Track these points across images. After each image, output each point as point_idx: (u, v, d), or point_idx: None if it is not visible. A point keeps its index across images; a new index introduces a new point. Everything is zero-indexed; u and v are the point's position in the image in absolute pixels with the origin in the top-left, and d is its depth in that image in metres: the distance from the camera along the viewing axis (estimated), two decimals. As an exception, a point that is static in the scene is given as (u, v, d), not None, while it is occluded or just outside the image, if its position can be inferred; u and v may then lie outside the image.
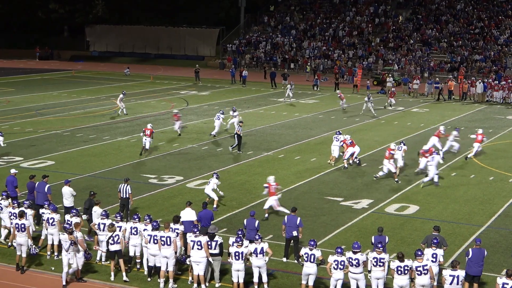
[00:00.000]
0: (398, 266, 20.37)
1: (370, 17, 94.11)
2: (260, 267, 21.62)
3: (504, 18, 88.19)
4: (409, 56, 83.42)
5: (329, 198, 32.06)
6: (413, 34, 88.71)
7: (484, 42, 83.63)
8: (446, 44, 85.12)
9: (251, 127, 49.17)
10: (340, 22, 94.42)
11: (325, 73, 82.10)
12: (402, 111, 58.92)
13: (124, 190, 27.56)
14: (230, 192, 32.64)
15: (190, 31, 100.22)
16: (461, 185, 35.10)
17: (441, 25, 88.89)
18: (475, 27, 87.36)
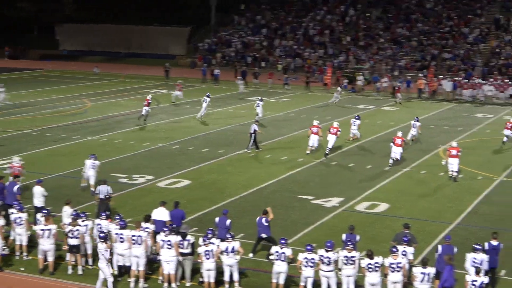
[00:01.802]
0: (369, 264, 20.46)
1: (341, 16, 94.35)
2: (231, 266, 21.61)
3: (474, 17, 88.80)
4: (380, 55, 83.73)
5: (299, 197, 32.12)
6: (383, 33, 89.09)
7: (453, 41, 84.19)
8: (416, 42, 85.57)
9: (222, 126, 49.17)
10: (311, 20, 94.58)
11: (296, 71, 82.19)
12: (373, 109, 59.18)
13: (103, 191, 27.42)
14: (201, 191, 32.63)
15: (160, 30, 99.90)
16: (430, 183, 35.33)
17: (411, 24, 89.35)
18: (444, 25, 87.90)
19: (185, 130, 47.46)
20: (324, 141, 40.85)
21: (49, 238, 22.65)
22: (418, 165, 38.96)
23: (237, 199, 31.63)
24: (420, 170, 37.76)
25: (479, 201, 32.32)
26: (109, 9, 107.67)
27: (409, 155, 40.98)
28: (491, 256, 21.82)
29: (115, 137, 44.56)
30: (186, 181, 34.39)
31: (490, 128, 50.75)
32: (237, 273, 21.73)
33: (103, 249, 21.18)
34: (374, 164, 38.88)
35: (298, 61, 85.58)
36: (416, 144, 44.16)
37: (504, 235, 26.63)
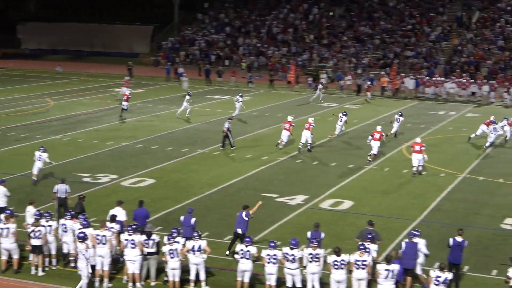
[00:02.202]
0: (335, 261, 20.55)
1: (304, 14, 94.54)
2: (197, 264, 21.59)
3: (436, 15, 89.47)
4: (343, 54, 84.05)
5: (264, 195, 32.12)
6: (346, 31, 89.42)
7: (416, 39, 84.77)
8: (379, 41, 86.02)
9: (186, 124, 49.04)
10: (274, 19, 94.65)
11: (260, 70, 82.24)
12: (336, 107, 59.38)
13: (62, 190, 27.26)
14: (165, 190, 32.54)
15: (124, 28, 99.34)
16: (394, 180, 35.55)
17: (374, 22, 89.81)
18: (407, 24, 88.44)
19: (149, 128, 47.29)
20: (298, 137, 41.06)
21: (8, 237, 22.51)
22: (381, 162, 39.18)
23: (201, 197, 31.59)
24: (384, 168, 37.97)
25: (442, 198, 32.60)
26: (72, 8, 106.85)
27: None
28: (455, 252, 21.99)
29: (78, 136, 44.26)
30: (150, 180, 34.28)
31: (453, 126, 51.18)
32: (203, 272, 21.70)
33: (83, 249, 21.09)
34: (339, 161, 39.05)
35: (262, 60, 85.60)
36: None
37: (467, 231, 26.89)
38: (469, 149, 43.43)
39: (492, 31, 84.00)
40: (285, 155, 40.02)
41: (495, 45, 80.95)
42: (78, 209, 25.27)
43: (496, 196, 33.16)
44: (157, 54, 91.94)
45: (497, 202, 32.13)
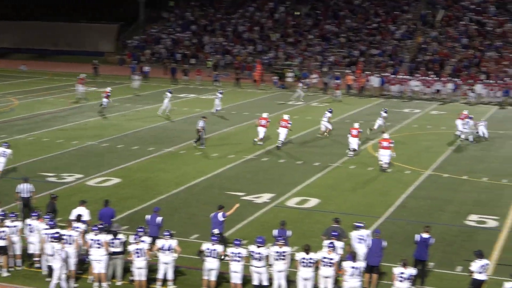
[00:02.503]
0: (303, 258, 20.61)
1: (270, 12, 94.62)
2: (167, 263, 21.55)
3: (400, 13, 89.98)
4: (309, 52, 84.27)
5: (230, 193, 32.14)
6: (312, 29, 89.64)
7: (381, 37, 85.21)
8: (344, 39, 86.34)
9: (152, 123, 48.89)
10: (240, 17, 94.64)
11: (226, 68, 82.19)
12: (302, 105, 59.53)
13: (25, 190, 27.07)
14: (131, 189, 32.42)
15: (89, 27, 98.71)
16: (360, 178, 35.72)
17: (339, 20, 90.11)
18: (372, 22, 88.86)
19: (115, 127, 47.06)
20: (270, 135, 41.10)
21: None
22: (347, 160, 39.34)
23: (168, 196, 31.52)
24: (350, 165, 38.14)
25: (407, 195, 32.83)
26: (36, 6, 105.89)
27: (339, 150, 41.40)
28: (421, 249, 22.14)
29: (43, 136, 43.94)
30: (116, 179, 34.13)
31: (418, 123, 51.55)
32: (171, 272, 21.66)
33: (59, 249, 20.97)
34: (305, 159, 39.16)
35: (228, 58, 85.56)
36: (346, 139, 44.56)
37: (432, 228, 27.11)
38: (434, 146, 43.76)
39: (456, 29, 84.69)
40: (251, 154, 40.05)
41: (459, 43, 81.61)
42: (50, 209, 25.10)
43: (460, 193, 33.47)
44: (123, 52, 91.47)
45: (461, 199, 32.43)
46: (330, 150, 41.67)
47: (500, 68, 74.04)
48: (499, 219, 29.45)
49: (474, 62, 76.70)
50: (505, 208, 31.12)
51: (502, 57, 76.92)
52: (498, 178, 36.16)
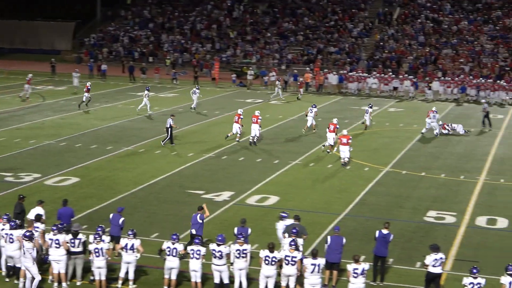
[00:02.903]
0: (267, 256, 20.62)
1: (228, 10, 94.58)
2: (129, 262, 21.45)
3: (357, 11, 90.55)
4: (267, 50, 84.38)
5: (190, 192, 32.09)
6: (270, 27, 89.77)
7: (338, 35, 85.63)
8: (302, 37, 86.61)
9: (110, 122, 48.59)
10: (198, 15, 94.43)
11: (184, 66, 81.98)
12: (261, 103, 59.58)
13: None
14: (90, 188, 32.18)
15: (45, 25, 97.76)
16: (319, 175, 35.86)
17: (297, 18, 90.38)
18: (329, 20, 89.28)
19: (72, 126, 46.66)
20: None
21: None
22: (306, 157, 39.49)
23: (127, 195, 31.35)
24: (309, 163, 38.28)
25: (366, 192, 33.05)
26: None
27: (298, 148, 41.54)
28: (380, 245, 22.26)
29: (0, 135, 43.44)
30: (74, 178, 33.86)
31: (376, 120, 51.81)
32: (133, 271, 21.55)
33: (30, 248, 20.75)
34: (264, 157, 39.22)
35: (186, 56, 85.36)
36: (305, 136, 44.81)
37: (391, 225, 27.32)
38: (392, 143, 44.10)
39: (413, 27, 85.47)
40: (210, 152, 40.01)
41: (416, 41, 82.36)
42: (18, 209, 24.82)
43: (419, 189, 33.78)
44: (80, 51, 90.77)
45: (420, 195, 32.74)
46: (289, 147, 41.79)
47: (456, 65, 74.85)
48: (456, 215, 29.77)
49: (430, 59, 77.46)
50: (462, 204, 31.47)
51: (458, 55, 77.78)
52: (455, 175, 36.56)
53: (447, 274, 23.13)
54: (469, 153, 42.14)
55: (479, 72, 71.34)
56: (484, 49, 78.83)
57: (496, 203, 31.81)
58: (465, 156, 41.15)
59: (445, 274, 23.00)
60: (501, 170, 37.97)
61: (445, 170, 37.52)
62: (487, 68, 73.74)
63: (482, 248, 26.07)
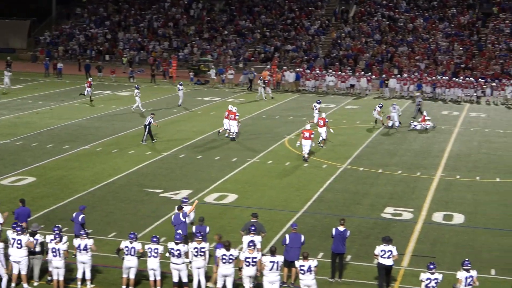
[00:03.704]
0: (224, 255, 20.61)
1: (185, 8, 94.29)
2: (84, 263, 21.31)
3: (314, 9, 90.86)
4: (225, 48, 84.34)
5: (148, 190, 31.97)
6: (227, 25, 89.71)
7: (295, 33, 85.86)
8: (259, 34, 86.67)
9: (67, 121, 48.15)
10: (155, 13, 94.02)
11: (141, 64, 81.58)
12: (219, 101, 59.53)
13: None
14: (46, 188, 31.89)
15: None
16: (277, 173, 35.92)
17: (254, 16, 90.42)
18: (287, 18, 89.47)
19: (28, 125, 46.17)
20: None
21: None
22: (264, 155, 39.54)
23: (84, 194, 31.13)
24: (267, 160, 38.33)
25: (324, 189, 33.18)
26: None
27: (256, 145, 41.59)
28: (338, 242, 22.37)
29: (-46, 135, 42.93)
30: (30, 178, 33.53)
31: (333, 118, 52.02)
32: (89, 271, 21.41)
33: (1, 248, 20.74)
34: (222, 155, 39.19)
35: (143, 54, 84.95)
36: (263, 134, 44.88)
37: (349, 221, 27.53)
38: (349, 140, 44.32)
39: (369, 25, 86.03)
40: (168, 150, 39.88)
41: (372, 38, 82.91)
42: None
43: (376, 186, 34.01)
44: (35, 49, 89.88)
45: (377, 192, 32.96)
46: (247, 145, 41.80)
47: (412, 63, 75.48)
48: (413, 211, 30.05)
49: (387, 57, 78.01)
50: (419, 200, 31.77)
51: (414, 52, 78.44)
52: (411, 171, 36.87)
53: (404, 269, 23.36)
54: (426, 149, 42.52)
55: (435, 70, 72.01)
56: (439, 46, 79.61)
57: (452, 199, 32.16)
58: (422, 153, 41.50)
59: (403, 270, 23.26)
60: (457, 166, 38.39)
61: (402, 166, 37.83)
62: (443, 65, 74.45)
63: (439, 243, 26.35)
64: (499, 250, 25.53)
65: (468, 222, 28.99)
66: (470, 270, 19.68)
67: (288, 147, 41.46)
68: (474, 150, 42.52)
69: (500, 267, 23.87)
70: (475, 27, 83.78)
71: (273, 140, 43.46)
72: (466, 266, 19.67)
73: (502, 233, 27.77)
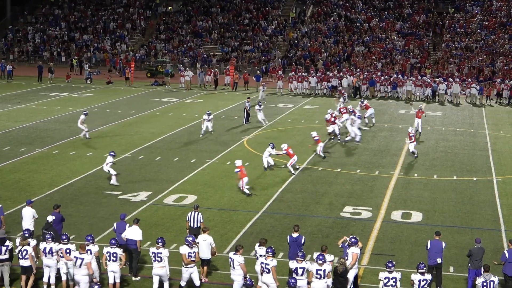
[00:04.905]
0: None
1: (141, 8, 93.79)
2: (50, 266, 21.18)
3: (271, 9, 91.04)
4: (182, 48, 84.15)
5: (107, 192, 31.79)
6: (184, 25, 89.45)
7: (253, 33, 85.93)
8: (217, 35, 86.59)
9: (24, 123, 47.68)
10: (111, 14, 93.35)
11: (98, 66, 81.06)
12: (177, 102, 59.38)
13: None
14: (3, 191, 31.53)
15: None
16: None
17: (211, 17, 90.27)
18: (244, 18, 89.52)
19: (-16, 128, 45.70)
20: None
21: None
22: (223, 156, 39.50)
23: (42, 197, 30.87)
24: (226, 161, 38.29)
25: (283, 189, 33.24)
26: None
27: (215, 147, 41.55)
28: (294, 248, 22.13)
29: None
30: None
31: (291, 118, 52.22)
32: (53, 275, 21.26)
33: None
34: (180, 156, 39.10)
35: (99, 55, 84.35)
36: (221, 135, 44.83)
37: (308, 221, 27.74)
38: (308, 141, 44.36)
39: (326, 25, 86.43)
40: (126, 152, 39.69)
41: (329, 38, 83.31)
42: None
43: (335, 185, 34.16)
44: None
45: (336, 191, 33.12)
46: (206, 146, 41.73)
47: (369, 62, 76.00)
48: (372, 210, 30.25)
49: (343, 57, 78.45)
50: (378, 198, 31.98)
51: (370, 52, 78.99)
52: (370, 170, 37.12)
53: (364, 268, 23.49)
54: (383, 148, 42.81)
55: (391, 69, 72.63)
56: (395, 46, 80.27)
57: (410, 197, 32.42)
58: (380, 152, 41.77)
59: (362, 269, 23.36)
60: (414, 165, 38.70)
61: (360, 165, 38.06)
62: (399, 64, 75.09)
63: (398, 241, 26.55)
64: (456, 247, 25.78)
65: (426, 220, 29.26)
66: (425, 273, 19.88)
67: (248, 147, 41.46)
68: (432, 149, 42.90)
69: (458, 264, 24.12)
70: (431, 27, 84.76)
71: (232, 141, 43.42)
72: (421, 269, 19.85)
73: (460, 230, 28.07)
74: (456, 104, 62.14)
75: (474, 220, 29.53)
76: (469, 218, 29.70)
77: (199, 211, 24.65)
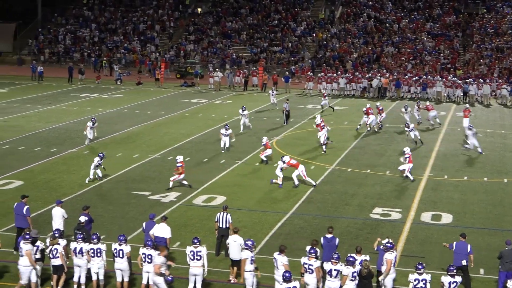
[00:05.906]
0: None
1: (171, 10, 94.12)
2: (80, 266, 21.42)
3: (300, 10, 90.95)
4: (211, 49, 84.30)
5: (136, 193, 31.90)
6: (213, 27, 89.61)
7: (282, 34, 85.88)
8: (246, 36, 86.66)
9: (54, 124, 48.01)
10: (141, 15, 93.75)
11: (128, 67, 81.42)
12: (206, 103, 59.50)
13: None
14: (34, 191, 31.69)
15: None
16: (265, 174, 35.85)
17: (240, 18, 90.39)
18: (273, 19, 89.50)
19: (15, 129, 46.01)
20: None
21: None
22: (252, 157, 39.49)
23: (73, 197, 31.03)
24: (255, 162, 38.29)
25: (312, 190, 33.14)
26: None
27: (243, 147, 41.55)
28: (328, 250, 21.96)
29: None
30: (18, 181, 33.40)
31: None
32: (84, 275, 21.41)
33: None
34: (210, 157, 39.15)
35: (130, 57, 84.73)
36: (250, 136, 44.84)
37: (337, 222, 27.66)
38: (338, 141, 44.19)
39: (355, 26, 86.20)
40: (156, 153, 39.82)
41: (358, 39, 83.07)
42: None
43: (364, 187, 34.02)
44: (21, 52, 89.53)
45: (366, 192, 32.99)
46: (235, 147, 41.71)
47: (398, 63, 75.70)
48: (402, 211, 30.09)
49: (373, 57, 78.19)
50: (407, 200, 31.82)
51: (400, 53, 78.66)
52: (399, 171, 36.88)
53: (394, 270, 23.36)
54: (413, 150, 42.53)
55: (421, 70, 72.27)
56: (425, 47, 79.87)
57: (440, 199, 32.22)
58: (409, 153, 41.51)
59: (392, 270, 23.24)
60: (444, 166, 38.47)
61: (389, 167, 37.87)
62: (429, 65, 74.70)
63: (427, 243, 26.40)
64: (487, 249, 25.59)
65: (456, 222, 29.07)
66: (456, 275, 19.75)
67: (276, 148, 41.42)
68: (462, 150, 42.57)
69: (489, 266, 23.92)
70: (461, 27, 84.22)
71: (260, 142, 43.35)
72: (451, 272, 19.72)
73: (490, 232, 27.87)
74: (487, 105, 61.77)
75: (504, 222, 29.31)
76: (500, 220, 29.49)
77: (228, 211, 24.66)
